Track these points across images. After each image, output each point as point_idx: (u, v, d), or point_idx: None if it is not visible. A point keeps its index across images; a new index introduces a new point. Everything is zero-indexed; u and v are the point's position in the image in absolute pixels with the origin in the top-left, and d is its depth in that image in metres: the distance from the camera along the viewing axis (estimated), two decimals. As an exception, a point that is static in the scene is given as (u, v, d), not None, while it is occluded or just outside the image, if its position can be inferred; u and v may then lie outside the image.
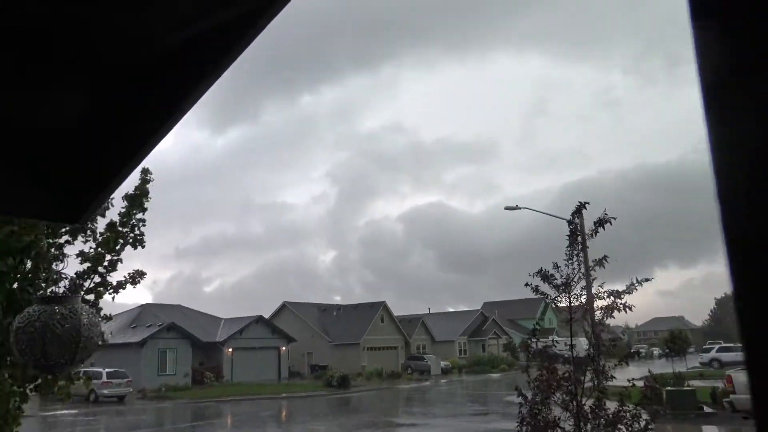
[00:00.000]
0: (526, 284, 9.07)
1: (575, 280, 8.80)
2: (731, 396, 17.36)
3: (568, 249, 8.91)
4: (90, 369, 29.95)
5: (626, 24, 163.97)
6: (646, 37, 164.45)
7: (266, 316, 55.79)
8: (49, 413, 29.14)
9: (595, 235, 8.79)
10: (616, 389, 8.37)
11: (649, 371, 8.90)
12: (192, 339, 45.60)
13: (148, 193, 7.84)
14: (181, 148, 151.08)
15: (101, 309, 7.44)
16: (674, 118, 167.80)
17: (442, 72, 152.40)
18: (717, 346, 48.31)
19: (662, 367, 31.98)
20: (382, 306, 60.73)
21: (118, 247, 7.35)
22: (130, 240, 7.49)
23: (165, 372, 43.11)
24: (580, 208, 9.08)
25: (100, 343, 2.16)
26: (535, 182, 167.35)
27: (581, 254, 8.96)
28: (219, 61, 1.34)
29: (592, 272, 8.87)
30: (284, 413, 29.27)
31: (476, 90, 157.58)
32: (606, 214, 8.75)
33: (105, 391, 34.09)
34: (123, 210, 7.61)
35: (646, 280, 8.64)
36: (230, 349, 48.39)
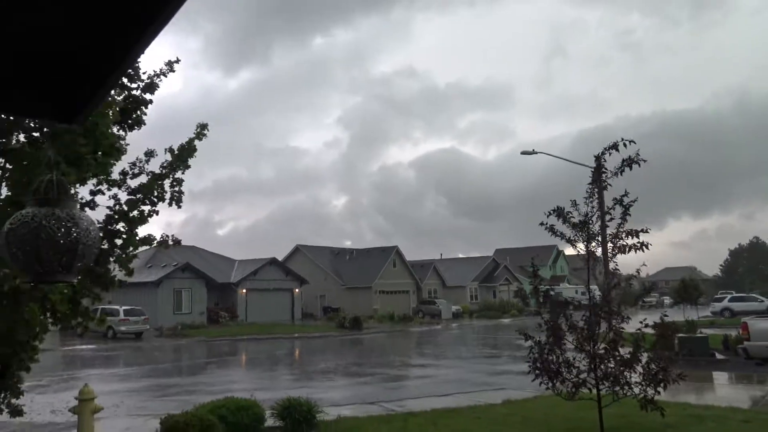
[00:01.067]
0: (541, 223, 8.85)
1: (593, 219, 8.59)
2: (746, 343, 17.37)
3: (590, 186, 8.68)
4: (107, 306, 30.58)
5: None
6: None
7: (280, 258, 56.37)
8: (68, 348, 29.94)
9: (621, 174, 8.54)
10: (628, 334, 8.32)
11: (661, 317, 8.79)
12: (206, 279, 46.27)
13: (195, 150, 7.54)
14: (193, 90, 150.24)
15: (132, 269, 7.32)
16: (696, 63, 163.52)
17: (454, 13, 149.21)
18: (729, 296, 48.29)
19: (673, 315, 31.97)
20: (395, 250, 61.10)
21: (155, 198, 7.19)
22: (167, 197, 7.28)
23: (180, 311, 43.96)
24: (614, 146, 8.63)
25: (96, 251, 2.02)
26: (550, 128, 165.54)
27: (602, 193, 8.74)
28: None
29: (611, 212, 8.67)
30: (298, 351, 29.88)
31: (490, 32, 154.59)
32: (638, 154, 8.44)
33: (122, 328, 34.88)
34: (165, 162, 7.34)
35: (645, 231, 8.43)
36: (244, 290, 49.12)
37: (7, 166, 6.07)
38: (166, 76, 7.22)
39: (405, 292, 61.08)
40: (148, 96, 7.10)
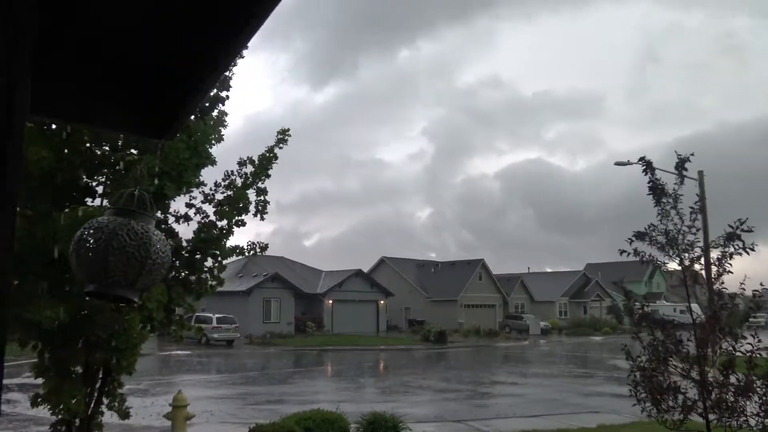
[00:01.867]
0: (622, 251, 8.38)
1: (680, 235, 8.02)
2: None
3: (657, 207, 8.16)
4: (201, 314, 31.85)
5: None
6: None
7: (365, 270, 56.82)
8: (165, 353, 31.34)
9: (682, 182, 8.04)
10: (739, 359, 7.63)
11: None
12: (294, 290, 47.30)
13: (276, 158, 7.64)
14: (282, 105, 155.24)
15: (222, 279, 7.52)
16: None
17: (540, 22, 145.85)
18: None
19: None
20: (481, 264, 60.19)
21: (241, 206, 7.33)
22: (251, 208, 7.40)
23: (269, 320, 45.14)
24: (650, 164, 8.33)
25: (164, 272, 1.94)
26: (642, 137, 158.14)
27: (675, 209, 8.15)
28: None
29: (692, 223, 8.09)
30: (383, 364, 29.85)
31: (577, 40, 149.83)
32: (682, 155, 8.10)
33: (215, 335, 36.16)
34: (249, 172, 7.48)
35: (750, 230, 7.74)
36: (330, 301, 49.83)
37: (108, 182, 6.34)
38: (236, 65, 7.26)
39: (491, 306, 59.97)
40: (223, 93, 7.16)
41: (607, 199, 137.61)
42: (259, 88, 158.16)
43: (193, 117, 6.59)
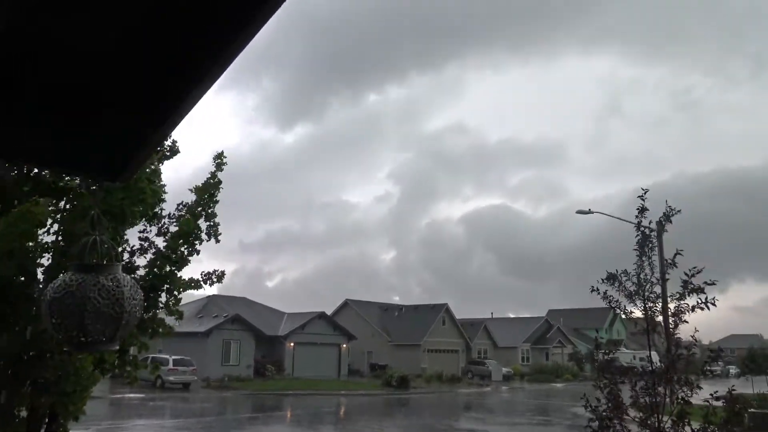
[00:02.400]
0: (593, 289, 8.52)
1: (648, 286, 8.22)
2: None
3: (638, 254, 8.38)
4: (157, 355, 30.86)
5: (709, 22, 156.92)
6: (730, 36, 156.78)
7: (328, 312, 56.14)
8: (117, 396, 30.19)
9: (663, 233, 8.31)
10: (695, 408, 7.72)
11: (729, 390, 8.11)
12: (255, 331, 46.31)
13: (220, 183, 7.67)
14: (249, 144, 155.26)
15: (181, 311, 7.36)
16: (759, 123, 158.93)
17: (508, 72, 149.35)
18: (801, 368, 45.12)
19: (740, 386, 29.96)
20: (444, 308, 60.08)
21: (192, 237, 7.23)
22: (204, 233, 7.35)
23: (228, 362, 43.96)
24: (644, 208, 8.59)
25: (139, 316, 1.91)
26: (603, 186, 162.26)
27: (652, 258, 8.38)
28: (261, 9, 1.25)
29: (669, 272, 8.30)
30: (343, 410, 29.27)
31: (543, 91, 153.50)
32: (670, 207, 8.41)
33: (171, 378, 35.02)
34: (192, 202, 7.48)
35: (713, 283, 7.96)
36: (292, 344, 48.92)
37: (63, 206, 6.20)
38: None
39: (454, 352, 59.67)
40: None
41: (568, 246, 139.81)
42: (227, 127, 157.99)
43: None
